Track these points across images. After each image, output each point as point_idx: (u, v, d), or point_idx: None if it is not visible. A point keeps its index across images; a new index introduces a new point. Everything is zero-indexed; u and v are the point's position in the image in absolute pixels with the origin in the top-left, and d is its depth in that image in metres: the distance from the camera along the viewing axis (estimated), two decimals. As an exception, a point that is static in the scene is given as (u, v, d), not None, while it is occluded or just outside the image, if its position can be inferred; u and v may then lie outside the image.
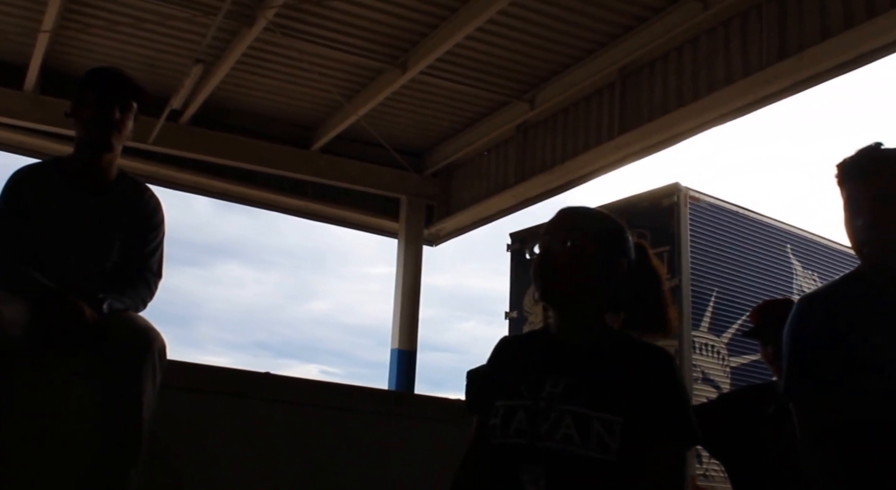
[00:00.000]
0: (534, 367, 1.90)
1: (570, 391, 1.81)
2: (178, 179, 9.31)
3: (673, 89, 6.91)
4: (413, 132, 9.43)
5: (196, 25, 7.12)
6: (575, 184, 8.40)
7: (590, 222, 1.98)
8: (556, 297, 1.94)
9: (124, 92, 2.85)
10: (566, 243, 1.92)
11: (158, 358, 2.54)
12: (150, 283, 2.88)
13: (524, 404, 1.84)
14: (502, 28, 7.03)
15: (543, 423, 1.79)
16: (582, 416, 1.76)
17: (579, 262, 1.90)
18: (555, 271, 1.91)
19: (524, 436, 1.81)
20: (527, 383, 1.87)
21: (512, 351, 2.04)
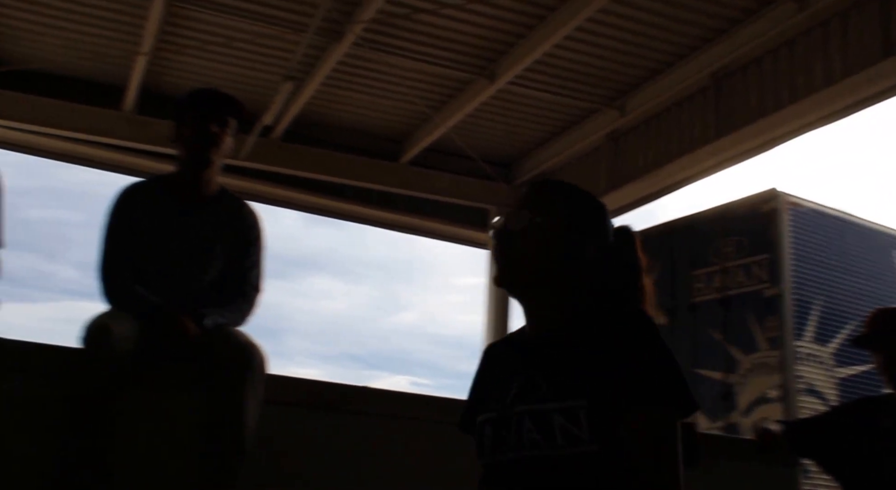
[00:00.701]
0: (504, 372, 1.73)
1: (528, 389, 1.62)
2: (267, 194, 9.60)
3: (769, 92, 6.80)
4: (501, 142, 9.51)
5: (286, 43, 7.37)
6: (668, 191, 8.34)
7: (557, 198, 1.77)
8: (510, 284, 1.75)
9: (221, 109, 2.96)
10: (525, 221, 1.73)
11: (259, 373, 2.63)
12: (250, 298, 2.96)
13: (491, 417, 1.67)
14: (591, 35, 7.06)
15: (507, 432, 1.61)
16: (538, 413, 1.56)
17: (538, 244, 1.71)
18: (510, 252, 1.73)
19: (492, 451, 1.65)
20: (497, 391, 1.70)
21: (493, 357, 1.86)
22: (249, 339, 2.72)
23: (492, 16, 6.92)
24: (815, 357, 6.14)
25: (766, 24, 6.52)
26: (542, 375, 1.62)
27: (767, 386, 6.00)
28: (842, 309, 6.26)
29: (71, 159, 9.29)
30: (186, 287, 2.81)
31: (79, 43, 7.81)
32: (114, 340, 2.49)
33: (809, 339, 6.14)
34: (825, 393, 6.04)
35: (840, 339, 6.15)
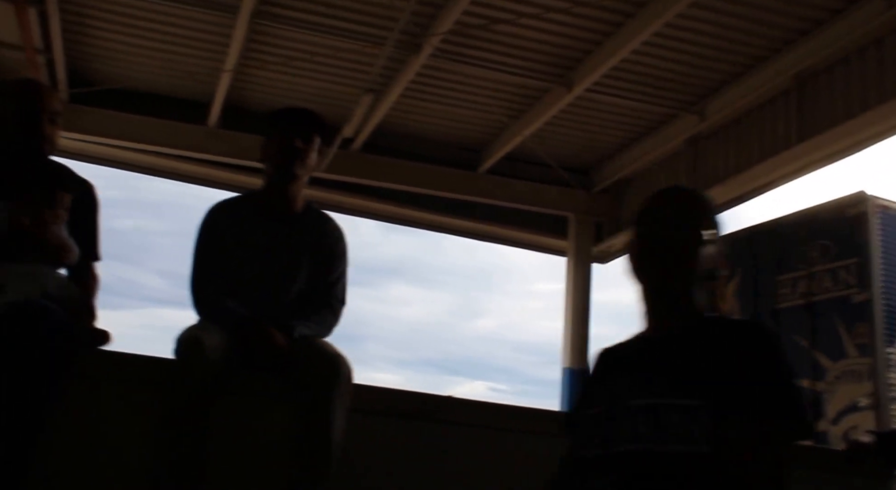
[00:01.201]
0: (618, 370, 1.79)
1: (645, 385, 1.65)
2: (347, 204, 9.80)
3: (856, 93, 6.61)
4: (580, 150, 9.48)
5: (365, 56, 7.52)
6: (750, 196, 8.17)
7: (696, 207, 1.89)
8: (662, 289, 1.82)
9: (306, 125, 3.03)
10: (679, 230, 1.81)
11: (346, 384, 2.67)
12: (336, 310, 3.01)
13: (603, 409, 1.72)
14: (669, 41, 6.99)
15: (615, 426, 1.64)
16: (654, 408, 1.58)
17: (689, 247, 1.80)
18: (665, 260, 1.80)
19: (596, 444, 1.67)
20: (609, 387, 1.75)
21: (607, 360, 1.92)
22: (337, 351, 2.76)
23: (569, 24, 6.93)
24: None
25: (853, 23, 6.35)
26: (662, 372, 1.66)
27: (857, 394, 5.82)
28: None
29: (157, 172, 9.67)
30: (274, 300, 2.87)
31: (167, 62, 8.12)
32: (205, 351, 2.56)
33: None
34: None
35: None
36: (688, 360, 1.65)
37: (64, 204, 2.77)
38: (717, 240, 1.86)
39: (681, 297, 1.81)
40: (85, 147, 8.83)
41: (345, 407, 2.63)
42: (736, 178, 7.98)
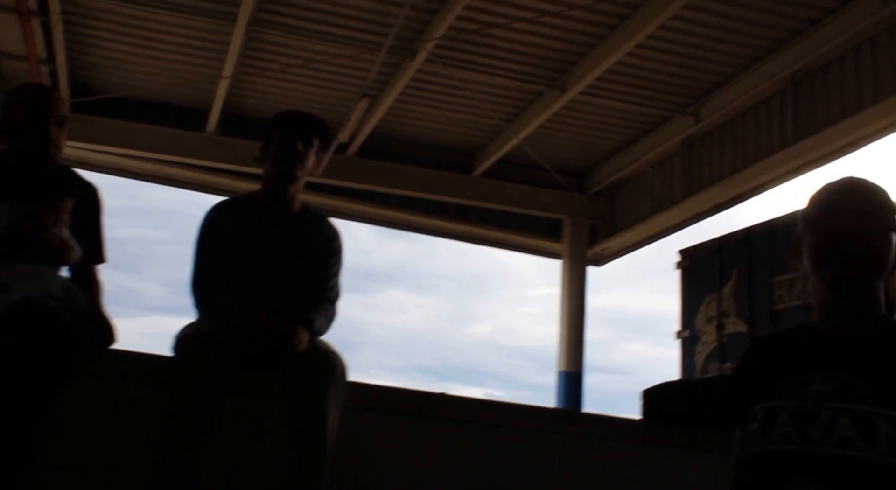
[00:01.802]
0: (795, 366, 1.71)
1: (844, 387, 1.59)
2: (343, 209, 9.81)
3: (851, 92, 6.64)
4: (574, 152, 9.51)
5: (361, 62, 7.54)
6: (746, 197, 8.19)
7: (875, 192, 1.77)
8: (857, 283, 1.73)
9: (306, 128, 3.06)
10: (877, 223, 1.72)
11: (341, 380, 2.71)
12: (333, 306, 3.04)
13: (787, 406, 1.64)
14: (663, 43, 7.02)
15: (813, 425, 1.57)
16: (862, 415, 1.53)
17: (886, 242, 1.71)
18: (866, 254, 1.70)
19: (791, 441, 1.60)
20: (788, 383, 1.67)
21: (766, 351, 1.84)
22: (331, 348, 2.80)
23: (563, 27, 6.95)
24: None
25: (847, 22, 6.37)
26: (860, 376, 1.60)
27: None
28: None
29: (157, 180, 9.68)
30: (274, 298, 2.90)
31: (166, 70, 8.15)
32: (204, 348, 2.61)
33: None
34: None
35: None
36: (887, 368, 1.59)
37: (66, 207, 2.79)
38: None
39: (869, 294, 1.72)
40: (85, 155, 8.84)
41: (339, 403, 2.67)
42: (732, 178, 8.00)
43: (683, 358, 7.62)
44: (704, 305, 7.49)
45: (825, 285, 1.73)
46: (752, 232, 7.22)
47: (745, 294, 7.06)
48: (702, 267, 7.59)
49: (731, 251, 7.34)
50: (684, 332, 7.66)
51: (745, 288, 7.09)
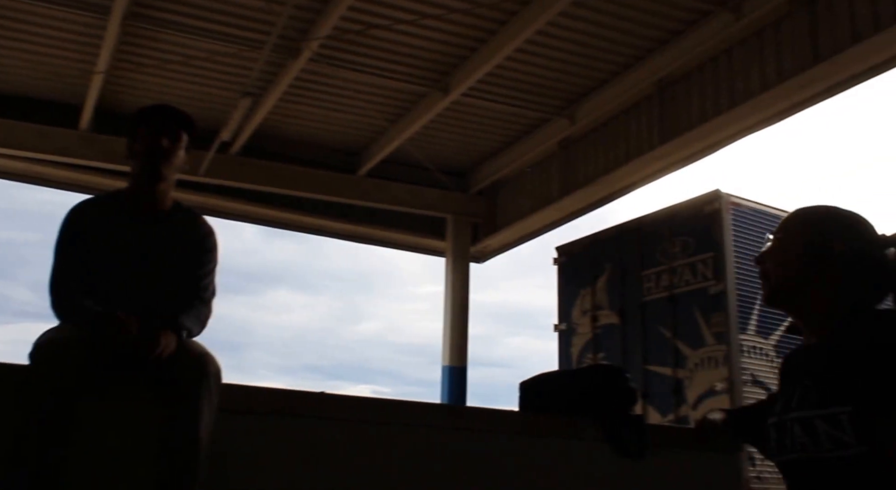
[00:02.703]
0: (790, 381, 1.86)
1: (801, 396, 1.73)
2: (227, 208, 9.67)
3: (710, 98, 7.06)
4: (457, 152, 9.67)
5: (243, 60, 7.45)
6: (618, 195, 8.57)
7: (794, 219, 1.90)
8: (768, 301, 1.90)
9: (172, 123, 2.97)
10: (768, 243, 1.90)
11: (215, 382, 2.63)
12: (207, 302, 2.97)
13: (773, 422, 1.82)
14: (540, 48, 7.25)
15: (784, 436, 1.75)
16: (804, 420, 1.69)
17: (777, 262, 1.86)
18: (763, 276, 1.89)
19: (775, 453, 1.80)
20: (783, 396, 1.84)
21: (786, 367, 1.98)
22: (204, 349, 2.72)
23: (445, 30, 7.08)
24: (758, 349, 6.37)
25: (706, 33, 6.77)
26: (812, 383, 1.73)
27: (715, 379, 6.21)
28: (782, 303, 6.47)
29: (27, 179, 9.25)
30: (142, 299, 2.80)
31: (35, 63, 7.80)
32: (63, 353, 2.49)
33: (752, 332, 6.37)
34: (769, 383, 6.27)
35: (780, 331, 6.39)
36: (829, 368, 1.70)
37: None
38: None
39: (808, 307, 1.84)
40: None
41: (213, 406, 2.58)
42: (605, 178, 8.35)
43: (561, 350, 7.90)
44: (580, 299, 7.80)
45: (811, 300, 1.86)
46: (623, 229, 7.55)
47: (617, 287, 7.38)
48: (577, 263, 7.89)
49: (604, 247, 7.66)
50: (561, 324, 7.95)
51: (616, 282, 7.41)
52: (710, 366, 6.30)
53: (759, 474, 5.84)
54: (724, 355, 6.19)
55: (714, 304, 6.36)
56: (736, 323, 6.26)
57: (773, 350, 6.43)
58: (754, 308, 6.44)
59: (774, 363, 6.43)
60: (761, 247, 1.96)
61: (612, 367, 4.02)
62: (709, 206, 6.64)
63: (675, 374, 6.53)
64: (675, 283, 6.76)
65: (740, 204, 6.66)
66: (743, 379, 6.15)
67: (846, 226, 1.86)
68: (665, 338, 6.72)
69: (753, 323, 6.41)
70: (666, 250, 6.93)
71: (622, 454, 3.24)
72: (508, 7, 6.64)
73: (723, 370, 6.17)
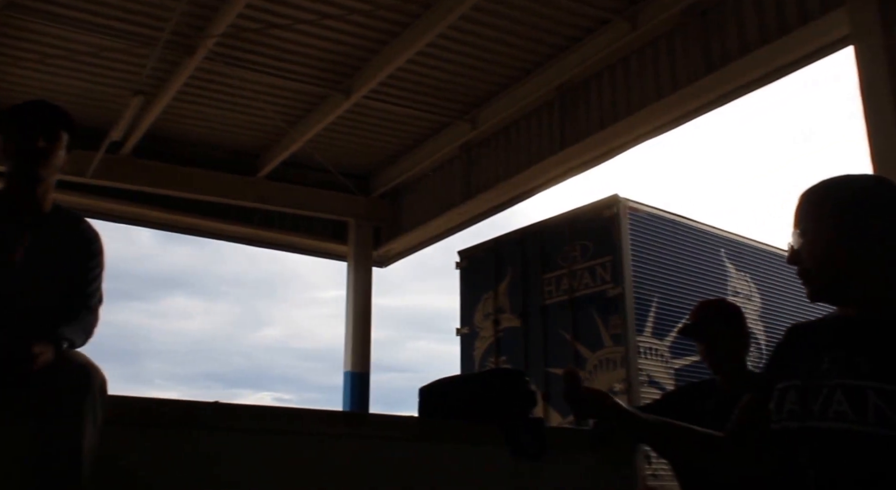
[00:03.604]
0: (814, 347, 1.76)
1: (843, 364, 1.64)
2: (119, 212, 9.34)
3: (608, 105, 7.21)
4: (359, 156, 9.60)
5: (135, 56, 7.20)
6: (519, 199, 8.67)
7: (816, 201, 1.77)
8: (814, 297, 1.79)
9: (49, 122, 2.80)
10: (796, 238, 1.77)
11: (99, 394, 2.49)
12: (93, 310, 2.82)
13: (795, 384, 1.71)
14: (442, 51, 7.27)
15: (814, 401, 1.64)
16: (853, 389, 1.59)
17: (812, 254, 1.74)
18: (802, 275, 1.77)
19: (794, 417, 1.68)
20: (805, 363, 1.73)
21: (797, 336, 1.88)
22: (87, 360, 2.57)
23: (346, 32, 7.00)
24: (654, 351, 6.53)
25: (604, 41, 6.92)
26: (863, 355, 1.63)
27: (613, 380, 6.33)
28: (676, 305, 6.70)
29: None
30: (21, 308, 2.65)
31: None
32: None
33: (649, 334, 6.53)
34: (664, 383, 6.44)
35: (675, 333, 6.57)
36: (889, 345, 1.62)
37: None
38: None
39: (847, 286, 1.73)
40: None
41: (97, 420, 2.46)
42: (507, 182, 8.44)
43: (463, 353, 7.93)
44: (482, 303, 7.84)
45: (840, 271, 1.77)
46: (524, 233, 7.63)
47: (519, 291, 7.46)
48: (479, 266, 7.94)
49: (506, 251, 7.73)
50: (464, 328, 7.97)
51: (518, 285, 7.48)
52: (609, 367, 6.42)
53: (654, 472, 5.98)
54: (622, 357, 6.32)
55: (612, 307, 6.49)
56: (633, 325, 6.41)
57: (668, 351, 6.61)
58: (650, 311, 6.60)
59: (669, 364, 6.61)
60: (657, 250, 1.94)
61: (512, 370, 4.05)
62: (607, 211, 6.77)
63: (574, 377, 6.62)
64: (575, 287, 6.87)
65: (638, 209, 6.82)
66: (640, 380, 6.30)
67: (870, 192, 1.74)
68: (565, 340, 6.82)
69: (650, 325, 6.57)
70: (566, 254, 7.04)
71: (521, 457, 3.25)
72: (410, 10, 6.62)
73: (621, 371, 6.30)
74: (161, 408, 2.92)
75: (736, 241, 7.53)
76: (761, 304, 7.51)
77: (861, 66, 5.08)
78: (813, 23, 5.57)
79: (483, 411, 3.36)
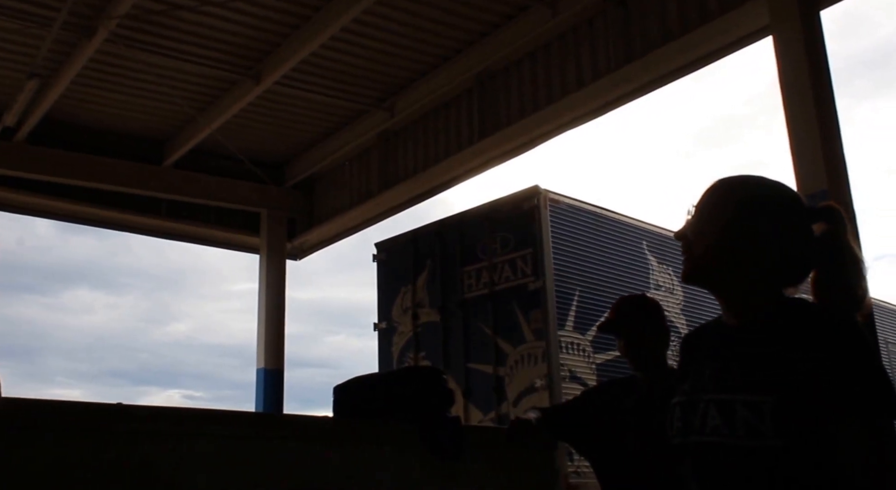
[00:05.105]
0: (701, 356, 1.82)
1: (718, 377, 1.70)
2: (14, 201, 9.01)
3: (529, 94, 7.25)
4: (271, 144, 9.44)
5: (29, 37, 6.93)
6: (438, 190, 8.66)
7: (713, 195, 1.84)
8: (689, 280, 1.86)
9: None
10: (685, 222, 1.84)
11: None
12: None
13: (681, 400, 1.77)
14: (356, 36, 7.19)
15: (694, 416, 1.71)
16: (724, 403, 1.66)
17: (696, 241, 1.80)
18: (685, 251, 1.83)
19: (680, 433, 1.74)
20: (692, 375, 1.80)
21: (690, 345, 1.95)
22: None
23: (256, 15, 6.86)
24: (576, 345, 6.61)
25: (524, 28, 6.95)
26: (735, 365, 1.69)
27: (534, 376, 6.39)
28: (598, 298, 6.79)
29: None
30: None
31: None
32: None
33: (570, 328, 6.60)
34: (586, 379, 6.53)
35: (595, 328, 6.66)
36: (758, 354, 1.67)
37: None
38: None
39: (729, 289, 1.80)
40: None
41: None
42: (425, 172, 8.42)
43: (381, 349, 7.88)
44: (400, 297, 7.80)
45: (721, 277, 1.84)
46: (443, 224, 7.61)
47: (438, 284, 7.44)
48: (397, 259, 7.89)
49: (424, 243, 7.70)
50: (382, 323, 7.92)
51: (437, 279, 7.47)
52: (530, 362, 6.47)
53: (577, 469, 6.07)
54: (543, 352, 6.37)
55: (533, 301, 6.53)
56: (555, 319, 6.45)
57: (590, 346, 6.69)
58: (572, 305, 6.67)
59: (591, 359, 6.71)
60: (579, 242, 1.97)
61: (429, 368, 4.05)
62: (527, 203, 6.79)
63: (495, 372, 6.66)
64: (496, 280, 6.89)
65: (559, 200, 6.86)
66: (561, 375, 6.36)
67: (772, 200, 1.81)
68: (486, 335, 6.84)
69: (571, 319, 6.64)
70: (486, 246, 7.05)
71: (439, 456, 3.25)
72: (323, -8, 6.53)
73: (542, 367, 6.35)
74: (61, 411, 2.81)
75: (658, 233, 7.65)
76: (683, 297, 7.67)
77: (780, 55, 5.23)
78: (734, 12, 5.69)
79: (400, 410, 3.35)
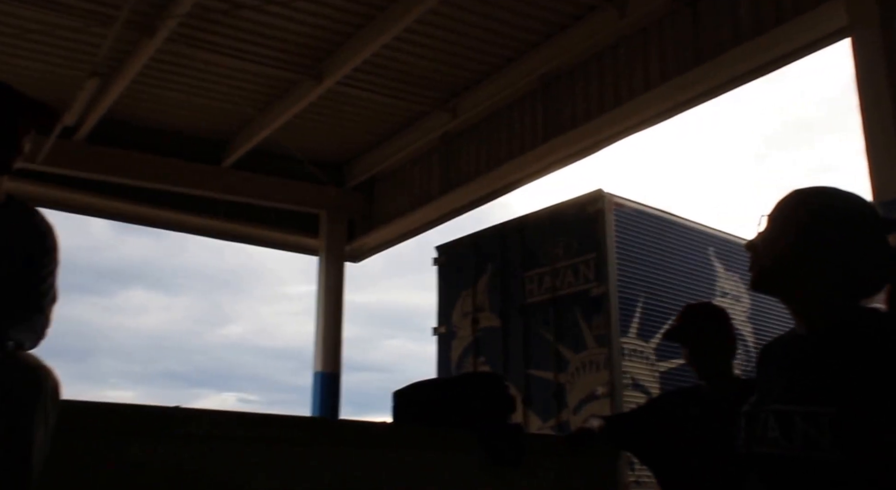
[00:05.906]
0: (774, 368, 1.88)
1: (783, 387, 1.76)
2: (71, 201, 9.26)
3: (594, 96, 7.26)
4: (331, 145, 9.59)
5: (91, 36, 7.15)
6: (500, 193, 8.71)
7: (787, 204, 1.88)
8: (755, 287, 1.91)
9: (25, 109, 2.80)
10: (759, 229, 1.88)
11: (51, 399, 2.45)
12: (46, 312, 2.81)
13: (746, 410, 1.82)
14: (420, 37, 7.29)
15: (756, 427, 1.76)
16: (783, 414, 1.70)
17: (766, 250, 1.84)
18: (753, 262, 1.87)
19: (744, 443, 1.79)
20: (762, 387, 1.86)
21: (766, 356, 1.99)
22: (39, 362, 2.50)
23: (318, 14, 7.00)
24: (639, 353, 6.60)
25: (591, 29, 6.97)
26: (799, 375, 1.74)
27: (596, 383, 6.39)
28: (663, 305, 6.77)
29: None
30: None
31: None
32: None
33: (634, 335, 6.59)
34: (648, 387, 6.51)
35: (660, 335, 6.63)
36: (821, 364, 1.71)
37: None
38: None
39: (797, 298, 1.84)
40: None
41: (49, 426, 2.44)
42: (487, 175, 8.47)
43: (440, 353, 7.95)
44: (460, 301, 7.87)
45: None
46: (505, 228, 7.66)
47: (499, 289, 7.49)
48: (458, 263, 7.96)
49: (485, 247, 7.75)
50: (441, 327, 8.00)
51: (498, 283, 7.52)
52: (592, 369, 6.48)
53: (637, 479, 6.06)
54: (606, 359, 6.37)
55: (596, 307, 6.54)
56: (617, 326, 6.46)
57: (654, 353, 6.68)
58: (636, 311, 6.67)
59: (655, 366, 6.69)
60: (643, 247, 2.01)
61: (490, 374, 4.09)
62: (591, 207, 6.80)
63: (556, 379, 6.68)
64: (558, 285, 6.92)
65: (623, 204, 6.86)
66: (624, 383, 6.36)
67: (845, 211, 1.83)
68: (547, 341, 6.87)
69: (635, 326, 6.63)
70: (548, 251, 7.08)
71: (499, 464, 3.29)
72: (387, -8, 6.64)
73: (604, 374, 6.36)
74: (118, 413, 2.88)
75: (725, 239, 7.60)
76: (750, 305, 7.60)
77: (858, 58, 5.17)
78: (809, 13, 5.64)
79: (460, 417, 3.40)
